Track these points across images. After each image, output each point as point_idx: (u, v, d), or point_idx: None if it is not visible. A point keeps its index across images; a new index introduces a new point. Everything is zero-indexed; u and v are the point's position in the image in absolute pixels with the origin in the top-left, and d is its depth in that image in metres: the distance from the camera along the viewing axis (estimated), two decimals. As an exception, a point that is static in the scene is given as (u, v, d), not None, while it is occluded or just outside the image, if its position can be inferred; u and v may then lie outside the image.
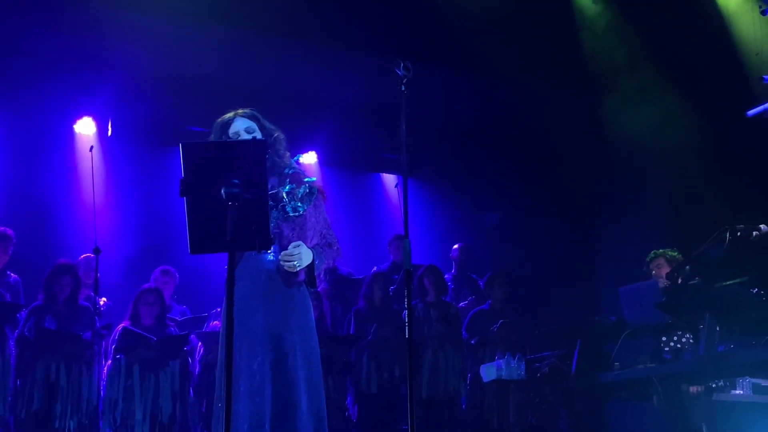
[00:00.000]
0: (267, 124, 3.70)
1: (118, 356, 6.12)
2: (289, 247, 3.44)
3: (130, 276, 7.58)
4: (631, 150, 8.29)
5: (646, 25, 7.96)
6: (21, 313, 6.17)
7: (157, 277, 7.10)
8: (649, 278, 5.66)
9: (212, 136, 3.70)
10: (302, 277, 3.53)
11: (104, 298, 6.87)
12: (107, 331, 6.32)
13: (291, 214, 3.51)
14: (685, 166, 7.81)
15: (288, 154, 3.69)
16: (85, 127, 8.19)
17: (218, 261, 3.16)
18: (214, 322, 6.70)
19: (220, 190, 2.92)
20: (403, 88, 3.39)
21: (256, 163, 3.01)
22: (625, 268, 7.42)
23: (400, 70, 3.38)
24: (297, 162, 3.70)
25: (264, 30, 7.62)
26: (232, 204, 2.91)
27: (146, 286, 6.71)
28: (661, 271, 5.63)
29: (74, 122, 8.18)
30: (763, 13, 6.64)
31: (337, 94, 7.78)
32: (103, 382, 6.15)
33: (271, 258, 3.51)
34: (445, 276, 8.01)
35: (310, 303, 3.61)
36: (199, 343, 6.58)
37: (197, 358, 6.53)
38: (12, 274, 6.65)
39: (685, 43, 7.62)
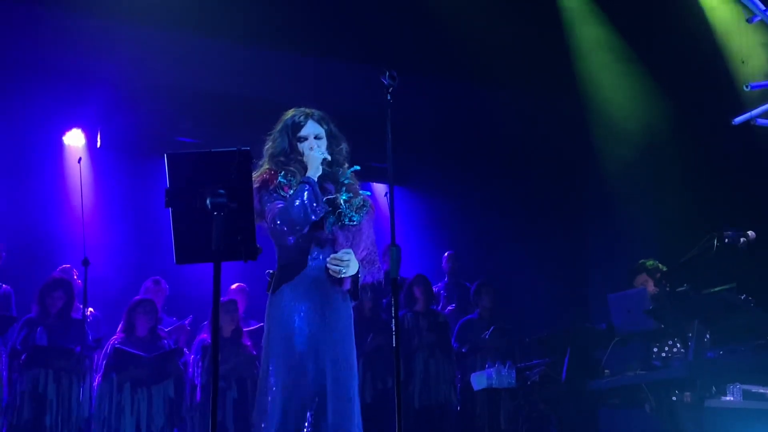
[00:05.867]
0: (335, 129, 3.71)
1: (110, 375, 6.09)
2: (340, 252, 3.46)
3: (118, 287, 7.55)
4: (619, 156, 8.29)
5: (634, 30, 7.97)
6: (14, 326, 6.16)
7: (149, 288, 7.07)
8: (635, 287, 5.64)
9: (278, 135, 3.66)
10: (347, 286, 3.54)
11: (91, 308, 6.83)
12: (98, 344, 6.29)
13: (346, 223, 3.54)
14: (673, 172, 7.82)
15: (346, 164, 3.70)
16: (74, 139, 8.15)
17: (208, 271, 3.13)
18: (203, 335, 6.69)
19: (206, 200, 2.92)
20: (389, 98, 3.39)
21: (242, 173, 3.00)
22: (614, 275, 7.41)
23: (385, 79, 3.37)
24: (353, 173, 3.71)
25: (252, 41, 7.62)
26: (218, 214, 2.90)
27: (140, 296, 6.67)
28: (645, 281, 5.60)
29: (63, 134, 8.13)
30: (749, 21, 6.65)
31: (326, 103, 7.79)
32: (93, 397, 6.12)
33: (321, 265, 3.51)
34: (438, 284, 8.05)
35: (352, 314, 3.61)
36: (192, 356, 6.55)
37: (192, 371, 6.46)
38: (3, 285, 6.62)
39: (672, 50, 7.63)
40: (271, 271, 3.57)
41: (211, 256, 2.90)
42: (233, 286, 7.49)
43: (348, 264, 3.43)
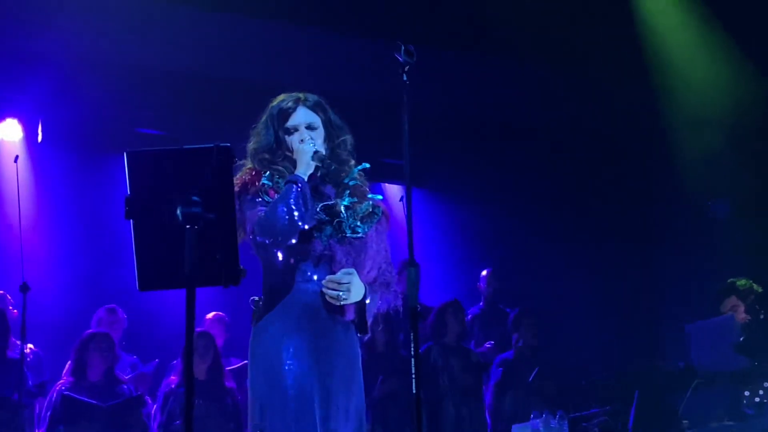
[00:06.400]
0: (334, 118, 3.72)
1: (57, 429, 6.09)
2: (339, 272, 3.45)
3: (64, 318, 7.55)
4: (699, 152, 8.26)
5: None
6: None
7: (102, 318, 7.08)
8: (723, 313, 5.63)
9: (262, 128, 3.69)
10: (350, 315, 3.54)
11: (31, 345, 6.84)
12: (41, 391, 6.28)
13: (348, 235, 3.53)
14: (763, 175, 7.80)
15: (352, 161, 3.71)
16: (9, 132, 8.18)
17: (176, 299, 3.13)
18: (172, 377, 6.70)
19: (176, 210, 2.90)
20: (405, 78, 3.39)
21: (222, 176, 2.99)
22: (693, 300, 7.41)
23: (400, 56, 3.39)
24: (361, 173, 3.71)
25: (233, 6, 7.60)
26: (191, 227, 2.88)
27: (93, 329, 6.67)
28: (735, 306, 5.59)
29: (-6, 126, 8.19)
30: None
31: (326, 85, 7.74)
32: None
33: (315, 288, 3.52)
34: (471, 310, 8.05)
35: (359, 352, 3.61)
36: (155, 406, 6.55)
37: (154, 424, 6.50)
38: None
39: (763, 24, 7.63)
40: (256, 298, 3.59)
41: (183, 280, 2.87)
42: (209, 316, 7.50)
43: (348, 287, 3.43)
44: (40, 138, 8.13)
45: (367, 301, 3.54)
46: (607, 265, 8.92)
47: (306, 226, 3.43)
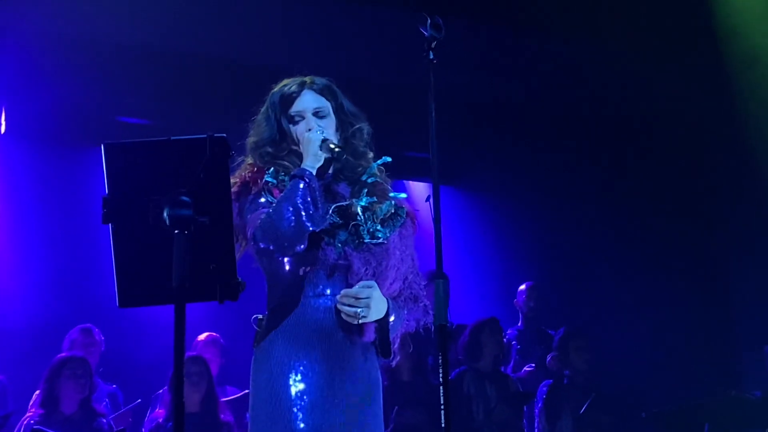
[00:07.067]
0: (347, 104, 3.71)
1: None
2: (357, 285, 3.43)
3: (32, 339, 7.57)
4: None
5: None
6: None
7: (76, 340, 7.10)
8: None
9: (262, 118, 3.69)
10: (370, 336, 3.51)
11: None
12: (5, 422, 6.27)
13: (366, 241, 3.51)
14: None
15: (370, 154, 3.69)
16: (-33, 122, 8.25)
17: (163, 317, 3.16)
18: (159, 410, 6.70)
19: (162, 212, 2.87)
20: (431, 56, 3.39)
21: (216, 172, 2.97)
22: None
23: (426, 30, 3.39)
24: (381, 168, 3.71)
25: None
26: (180, 232, 2.85)
27: (66, 353, 6.66)
28: None
29: (-50, 115, 8.22)
30: None
31: (338, 66, 7.33)
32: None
33: (328, 304, 3.49)
34: (508, 332, 8.03)
35: (380, 379, 3.59)
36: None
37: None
38: None
39: None
40: (260, 317, 3.56)
41: (171, 295, 2.82)
42: (202, 337, 7.52)
43: (368, 303, 3.39)
44: (2, 129, 8.14)
45: (391, 319, 3.50)
46: (670, 278, 8.88)
47: (316, 229, 3.38)
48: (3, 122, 8.11)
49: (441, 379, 3.28)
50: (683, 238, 9.00)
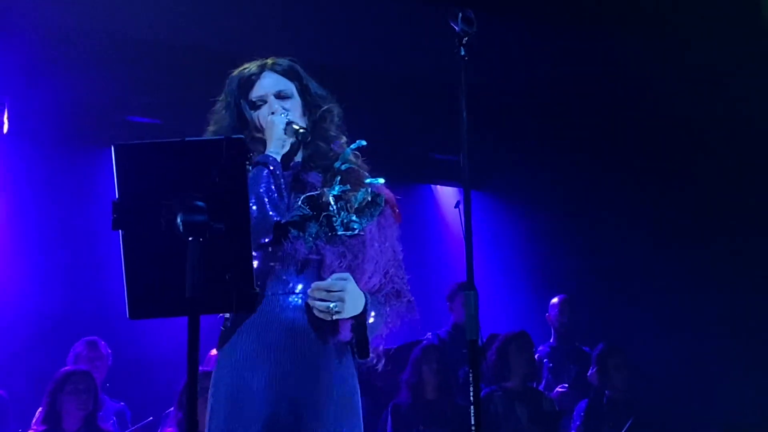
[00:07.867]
0: (313, 85, 3.69)
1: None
2: (329, 278, 3.37)
3: (34, 352, 7.61)
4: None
5: None
6: None
7: (81, 354, 7.13)
8: None
9: (222, 106, 3.69)
10: (346, 335, 3.43)
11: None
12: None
13: (340, 233, 3.46)
14: None
15: (344, 139, 3.67)
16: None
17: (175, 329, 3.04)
18: (168, 429, 6.65)
19: (176, 218, 2.90)
20: (462, 52, 3.40)
21: (233, 175, 2.99)
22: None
23: (457, 25, 3.39)
24: (356, 152, 3.68)
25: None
26: (194, 239, 2.87)
27: (70, 366, 6.71)
28: None
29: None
30: None
31: (362, 62, 7.81)
32: None
33: (299, 302, 3.43)
34: (540, 348, 8.07)
35: (357, 384, 3.51)
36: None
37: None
38: None
39: None
40: (227, 316, 3.51)
41: (185, 306, 2.87)
42: (214, 352, 7.43)
43: (341, 296, 3.32)
44: (5, 128, 8.14)
45: (371, 316, 3.43)
46: (715, 294, 8.69)
47: (282, 220, 3.39)
48: (6, 121, 8.12)
49: (472, 398, 3.27)
50: (729, 250, 8.86)
